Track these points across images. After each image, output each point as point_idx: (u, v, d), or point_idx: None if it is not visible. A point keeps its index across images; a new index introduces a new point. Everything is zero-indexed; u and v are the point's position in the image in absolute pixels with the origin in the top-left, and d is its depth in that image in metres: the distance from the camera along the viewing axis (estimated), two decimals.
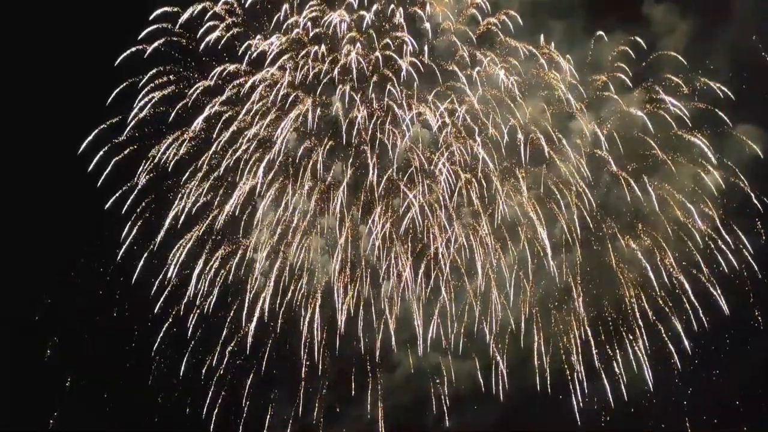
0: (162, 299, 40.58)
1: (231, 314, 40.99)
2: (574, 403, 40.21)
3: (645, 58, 41.47)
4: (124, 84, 41.00)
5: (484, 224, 41.90)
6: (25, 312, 42.41)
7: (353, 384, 41.76)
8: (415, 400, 42.07)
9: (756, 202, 40.58)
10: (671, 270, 40.50)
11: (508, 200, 42.00)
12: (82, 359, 41.40)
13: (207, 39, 41.07)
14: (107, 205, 40.61)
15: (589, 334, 40.77)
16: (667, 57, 41.50)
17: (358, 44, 41.25)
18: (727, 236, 40.13)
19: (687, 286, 40.09)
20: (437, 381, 41.76)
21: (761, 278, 39.58)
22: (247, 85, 41.09)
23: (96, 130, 40.84)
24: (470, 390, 41.63)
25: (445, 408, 41.47)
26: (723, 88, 40.72)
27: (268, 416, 41.23)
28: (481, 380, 41.48)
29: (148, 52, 41.15)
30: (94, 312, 40.96)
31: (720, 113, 40.52)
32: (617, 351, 40.53)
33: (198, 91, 41.16)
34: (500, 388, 41.05)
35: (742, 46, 42.59)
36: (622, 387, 39.93)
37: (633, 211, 41.39)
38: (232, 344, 40.96)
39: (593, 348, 40.67)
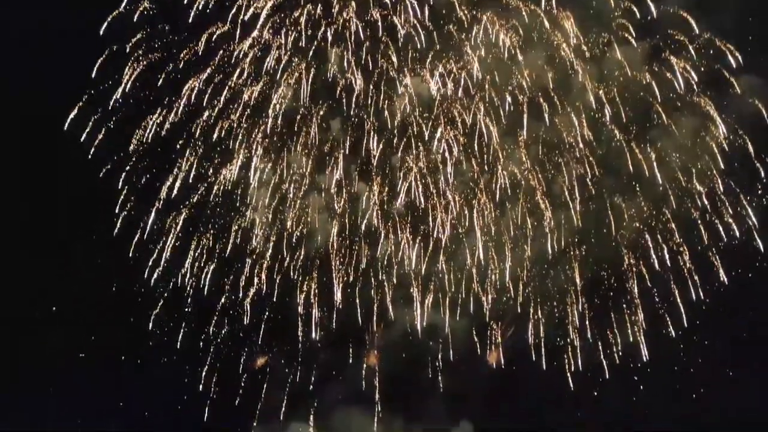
0: (159, 270, 40.68)
1: (229, 282, 41.23)
2: (567, 368, 40.81)
3: (649, 12, 40.23)
4: (112, 48, 40.04)
5: (482, 187, 41.71)
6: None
7: (350, 349, 42.40)
8: (410, 361, 42.46)
9: (759, 165, 40.07)
10: (668, 235, 40.37)
11: (507, 161, 41.72)
12: (81, 333, 41.72)
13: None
14: (101, 173, 40.31)
15: (584, 299, 41.00)
16: (672, 14, 40.21)
17: (354, 4, 39.99)
18: (726, 200, 39.88)
19: (685, 250, 40.12)
20: (431, 343, 42.09)
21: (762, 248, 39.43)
22: (239, 49, 40.07)
23: (84, 99, 40.06)
24: (465, 352, 42.09)
25: (439, 369, 42.08)
26: (730, 46, 39.64)
27: (265, 383, 42.05)
28: (476, 341, 42.04)
29: (136, 14, 40.01)
30: (92, 286, 40.95)
31: (725, 72, 39.64)
32: (612, 315, 40.75)
33: (188, 56, 40.16)
34: (494, 352, 41.73)
35: None
36: (616, 354, 40.30)
37: (633, 173, 40.86)
38: (229, 314, 41.38)
39: (588, 313, 40.94)
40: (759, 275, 39.84)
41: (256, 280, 40.83)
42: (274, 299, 40.97)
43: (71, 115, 39.84)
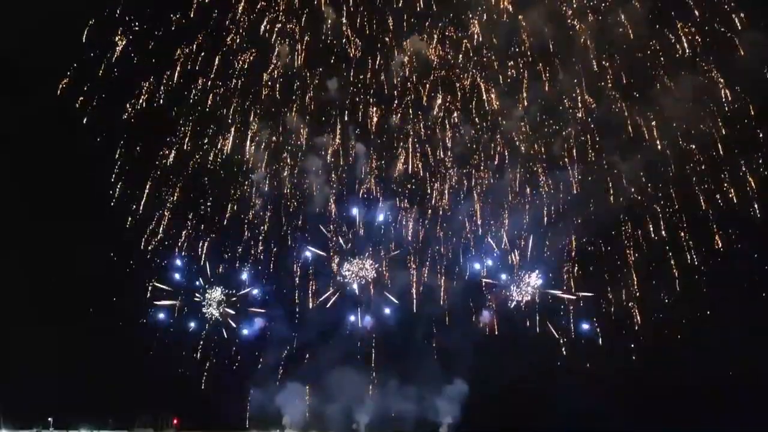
0: (155, 240, 40.69)
1: (227, 249, 41.58)
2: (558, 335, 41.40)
3: None
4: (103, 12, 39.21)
5: (480, 151, 41.58)
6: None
7: (346, 311, 42.98)
8: (405, 323, 43.03)
9: (759, 131, 39.59)
10: (666, 201, 40.30)
11: (507, 124, 41.48)
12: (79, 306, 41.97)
13: None
14: (97, 140, 39.88)
15: (579, 264, 41.24)
16: None
17: None
18: (725, 166, 39.62)
19: (682, 215, 40.16)
20: (427, 306, 42.46)
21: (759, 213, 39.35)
22: (233, 13, 39.48)
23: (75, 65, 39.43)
24: (460, 315, 42.58)
25: (434, 331, 42.55)
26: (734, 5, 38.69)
27: (262, 348, 42.87)
28: (471, 305, 42.45)
29: None
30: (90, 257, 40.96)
31: (728, 33, 38.82)
32: (607, 280, 41.05)
33: (180, 21, 39.39)
34: (488, 315, 42.31)
35: None
36: (609, 318, 40.78)
37: (633, 137, 40.48)
38: (227, 280, 41.89)
39: (582, 278, 41.26)
40: (755, 241, 39.87)
41: (252, 250, 41.33)
42: (272, 265, 41.59)
43: (63, 82, 39.41)
